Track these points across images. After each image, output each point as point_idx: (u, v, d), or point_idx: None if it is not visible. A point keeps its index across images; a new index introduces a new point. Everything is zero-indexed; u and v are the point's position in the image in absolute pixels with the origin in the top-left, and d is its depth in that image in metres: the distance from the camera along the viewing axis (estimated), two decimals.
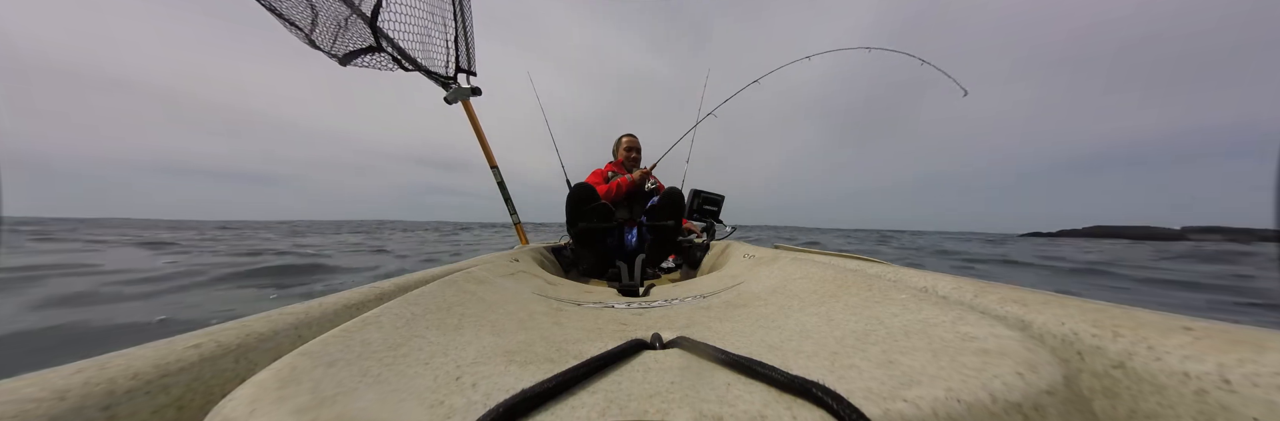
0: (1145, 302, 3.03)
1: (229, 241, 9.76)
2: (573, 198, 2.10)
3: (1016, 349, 0.31)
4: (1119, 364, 0.37)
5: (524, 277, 1.05)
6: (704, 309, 0.66)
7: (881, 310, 0.45)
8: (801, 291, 0.63)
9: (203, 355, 0.43)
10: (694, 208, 2.66)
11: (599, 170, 2.82)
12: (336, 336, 0.40)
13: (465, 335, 0.48)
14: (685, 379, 0.32)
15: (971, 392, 0.26)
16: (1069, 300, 0.49)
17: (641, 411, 0.27)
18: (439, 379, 0.35)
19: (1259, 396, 0.29)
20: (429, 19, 2.17)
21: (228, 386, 0.43)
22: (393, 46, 2.07)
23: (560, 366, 0.36)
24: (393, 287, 0.80)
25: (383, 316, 0.48)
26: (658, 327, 0.54)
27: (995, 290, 0.57)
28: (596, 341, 0.48)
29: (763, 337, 0.45)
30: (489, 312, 0.60)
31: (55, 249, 6.69)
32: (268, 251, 6.69)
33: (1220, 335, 0.34)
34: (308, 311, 0.60)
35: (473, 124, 2.47)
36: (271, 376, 0.31)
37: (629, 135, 2.88)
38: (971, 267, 6.87)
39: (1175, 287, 4.81)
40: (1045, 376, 0.28)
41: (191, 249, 7.20)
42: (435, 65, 2.30)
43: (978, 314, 0.39)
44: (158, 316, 2.41)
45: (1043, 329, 0.45)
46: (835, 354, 0.36)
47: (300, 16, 1.87)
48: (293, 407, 0.27)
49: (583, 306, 0.73)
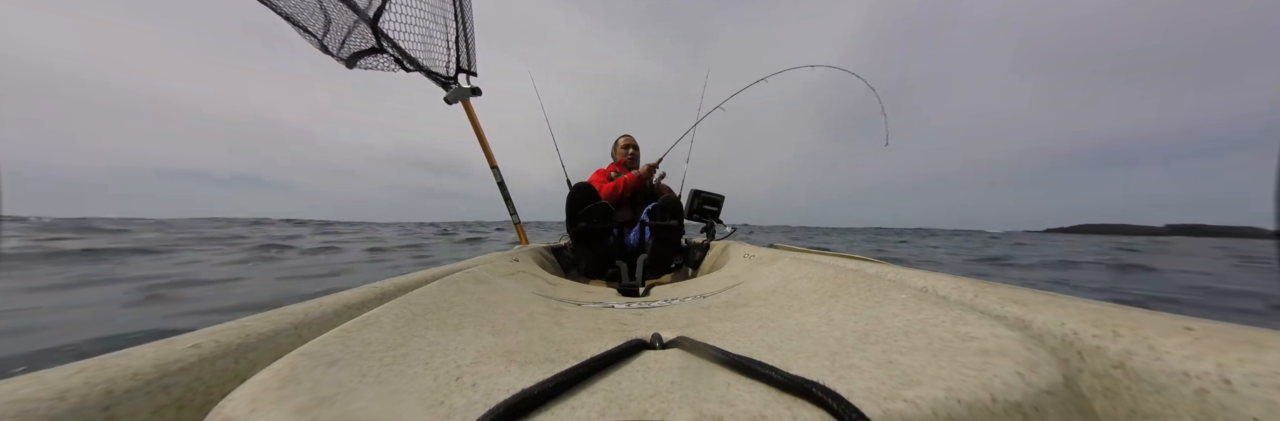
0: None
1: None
2: (573, 197, 2.10)
3: (1016, 349, 0.31)
4: (1119, 364, 0.37)
5: (524, 278, 1.05)
6: (704, 309, 0.65)
7: (881, 310, 0.45)
8: (801, 291, 0.63)
9: (203, 355, 0.43)
10: (694, 208, 2.66)
11: (602, 169, 2.84)
12: (336, 336, 0.40)
13: (465, 335, 0.48)
14: (685, 379, 0.32)
15: (971, 392, 0.26)
16: (1069, 300, 0.49)
17: (641, 411, 0.27)
18: (439, 379, 0.35)
19: (1259, 396, 0.29)
20: (430, 19, 2.17)
21: (228, 386, 0.43)
22: (394, 47, 2.08)
23: (560, 366, 0.36)
24: (393, 287, 0.80)
25: (383, 316, 0.48)
26: (658, 328, 0.54)
27: (995, 290, 0.57)
28: (596, 341, 0.48)
29: (763, 337, 0.45)
30: (489, 312, 0.60)
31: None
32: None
33: (1220, 335, 0.34)
34: (308, 311, 0.60)
35: (473, 124, 2.47)
36: (271, 376, 0.31)
37: (625, 135, 2.94)
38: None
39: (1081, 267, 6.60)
40: (1045, 376, 0.28)
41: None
42: (436, 65, 2.30)
43: (978, 314, 0.39)
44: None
45: (1043, 329, 0.45)
46: (835, 354, 0.36)
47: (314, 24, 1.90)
48: (293, 407, 0.27)
49: (583, 306, 0.73)
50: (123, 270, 3.87)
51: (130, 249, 5.61)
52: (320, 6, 1.87)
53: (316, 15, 1.89)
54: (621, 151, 2.85)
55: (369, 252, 6.33)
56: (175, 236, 9.22)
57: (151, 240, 7.61)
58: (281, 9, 1.80)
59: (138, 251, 5.43)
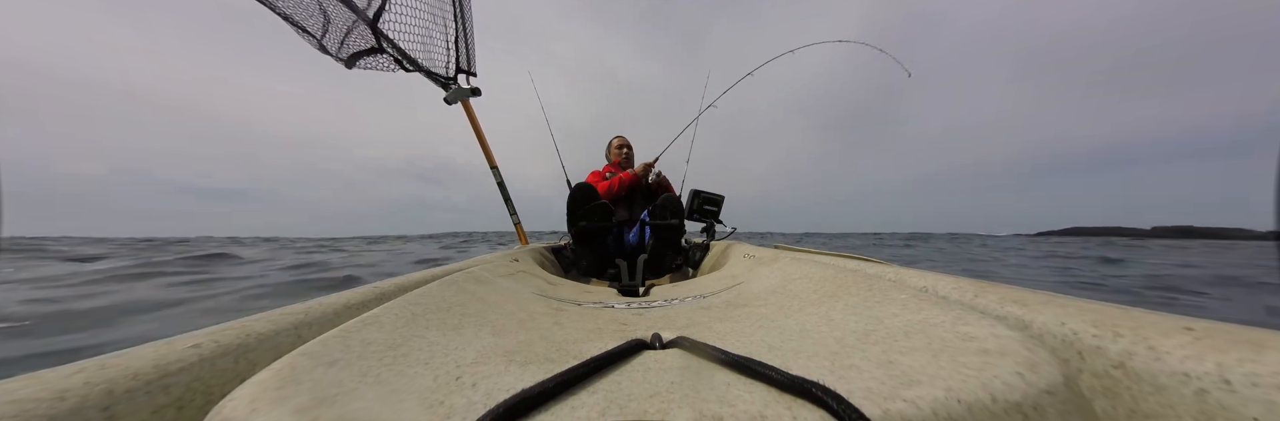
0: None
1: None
2: (574, 197, 2.11)
3: (1016, 349, 0.31)
4: (1119, 364, 0.37)
5: (524, 278, 1.05)
6: (704, 309, 0.65)
7: (881, 310, 0.45)
8: (801, 291, 0.62)
9: (203, 355, 0.43)
10: (694, 208, 2.66)
11: (597, 170, 2.88)
12: (336, 336, 0.40)
13: (465, 335, 0.48)
14: (685, 379, 0.32)
15: (971, 392, 0.26)
16: (1069, 300, 0.49)
17: (641, 411, 0.27)
18: (439, 379, 0.35)
19: (1259, 396, 0.29)
20: (430, 20, 2.18)
21: (228, 386, 0.43)
22: (394, 47, 2.08)
23: (560, 366, 0.36)
24: (393, 287, 0.80)
25: (383, 316, 0.48)
26: (658, 327, 0.54)
27: (995, 290, 0.57)
28: (596, 341, 0.48)
29: (763, 337, 0.45)
30: (489, 312, 0.60)
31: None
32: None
33: (1220, 335, 0.34)
34: (308, 311, 0.60)
35: (473, 124, 2.47)
36: (271, 376, 0.31)
37: (618, 136, 2.98)
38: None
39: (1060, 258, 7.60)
40: (1045, 376, 0.28)
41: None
42: (436, 66, 2.30)
43: (978, 314, 0.39)
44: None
45: (1043, 329, 0.45)
46: (835, 354, 0.36)
47: (313, 24, 1.90)
48: (293, 407, 0.27)
49: (583, 306, 0.73)
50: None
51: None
52: (319, 6, 1.87)
53: (315, 15, 1.90)
54: (616, 152, 2.89)
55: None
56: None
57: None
58: (280, 8, 1.80)
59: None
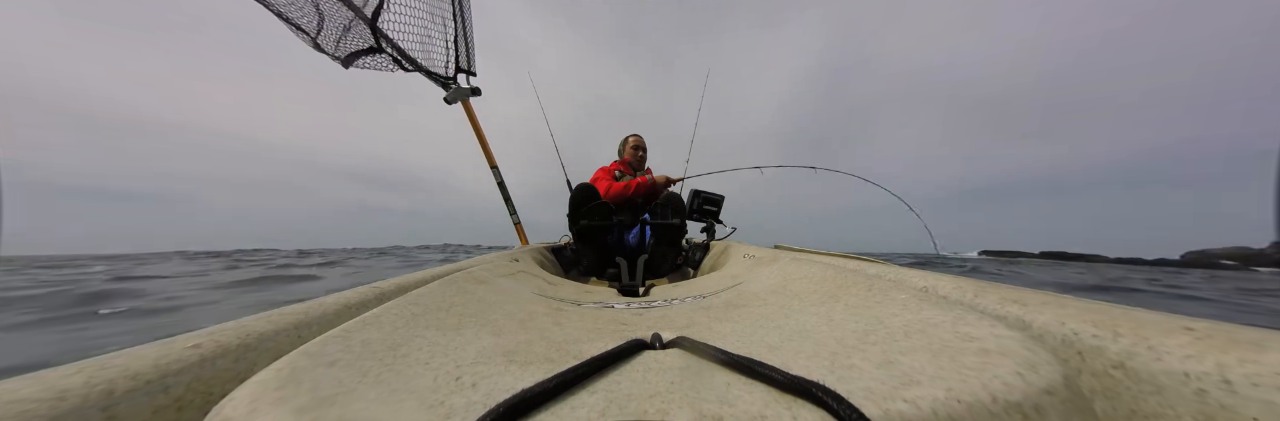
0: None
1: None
2: (575, 197, 2.11)
3: (1016, 349, 0.31)
4: (1119, 364, 0.37)
5: (524, 278, 1.05)
6: (704, 309, 0.65)
7: (882, 310, 0.45)
8: (802, 291, 0.62)
9: (203, 355, 0.43)
10: (694, 208, 2.66)
11: (605, 168, 2.76)
12: (336, 336, 0.40)
13: (465, 335, 0.48)
14: (685, 379, 0.32)
15: (971, 392, 0.26)
16: (1069, 300, 0.49)
17: (641, 411, 0.27)
18: (439, 379, 0.35)
19: (1259, 396, 0.29)
20: (429, 19, 2.18)
21: (228, 386, 0.43)
22: (393, 47, 2.08)
23: (560, 366, 0.35)
24: (393, 288, 0.80)
25: (383, 316, 0.48)
26: (658, 328, 0.54)
27: (995, 290, 0.57)
28: (596, 341, 0.48)
29: (763, 338, 0.45)
30: (489, 312, 0.60)
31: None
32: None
33: (1220, 335, 0.34)
34: (308, 311, 0.60)
35: (472, 124, 2.47)
36: (271, 376, 0.31)
37: (635, 135, 2.85)
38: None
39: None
40: (1045, 376, 0.28)
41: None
42: (435, 66, 2.30)
43: (978, 314, 0.39)
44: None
45: (1043, 329, 0.45)
46: (835, 354, 0.36)
47: (307, 22, 1.89)
48: (293, 407, 0.27)
49: (583, 306, 0.73)
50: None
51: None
52: (314, 5, 1.86)
53: (310, 13, 1.89)
54: (630, 152, 2.79)
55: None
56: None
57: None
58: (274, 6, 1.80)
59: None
